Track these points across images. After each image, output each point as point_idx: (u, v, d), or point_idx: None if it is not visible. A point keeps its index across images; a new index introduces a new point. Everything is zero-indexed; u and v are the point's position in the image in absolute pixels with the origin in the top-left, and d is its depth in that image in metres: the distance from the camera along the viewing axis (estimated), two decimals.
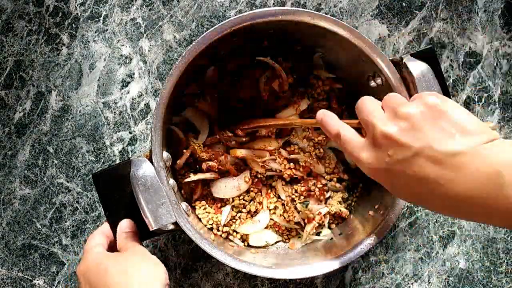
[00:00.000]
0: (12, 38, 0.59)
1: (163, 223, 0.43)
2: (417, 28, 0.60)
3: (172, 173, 0.51)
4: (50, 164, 0.59)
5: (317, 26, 0.45)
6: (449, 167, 0.30)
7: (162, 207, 0.43)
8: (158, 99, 0.45)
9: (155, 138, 0.45)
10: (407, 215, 0.59)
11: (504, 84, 0.60)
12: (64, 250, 0.58)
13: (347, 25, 0.45)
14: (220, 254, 0.45)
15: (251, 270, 0.45)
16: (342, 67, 0.54)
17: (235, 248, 0.51)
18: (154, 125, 0.44)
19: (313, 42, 0.51)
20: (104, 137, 0.59)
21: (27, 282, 0.58)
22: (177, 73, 0.45)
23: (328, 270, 0.46)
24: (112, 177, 0.46)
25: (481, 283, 0.58)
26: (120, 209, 0.46)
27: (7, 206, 0.59)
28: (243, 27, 0.45)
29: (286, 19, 0.45)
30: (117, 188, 0.45)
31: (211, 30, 0.44)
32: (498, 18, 0.60)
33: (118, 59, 0.59)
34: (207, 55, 0.46)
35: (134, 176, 0.44)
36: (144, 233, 0.46)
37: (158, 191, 0.43)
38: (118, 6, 0.59)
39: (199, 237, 0.45)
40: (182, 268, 0.58)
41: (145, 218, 0.43)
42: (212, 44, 0.45)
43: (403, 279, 0.58)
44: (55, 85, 0.59)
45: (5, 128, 0.59)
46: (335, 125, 0.40)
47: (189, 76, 0.49)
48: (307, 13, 0.45)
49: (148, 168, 0.44)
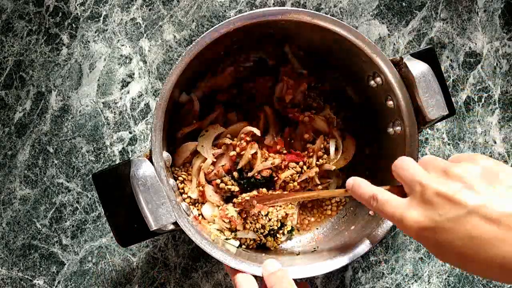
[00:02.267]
0: (12, 38, 0.59)
1: (163, 223, 0.43)
2: (417, 28, 0.60)
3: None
4: (50, 164, 0.59)
5: (316, 25, 0.45)
6: (505, 227, 0.30)
7: (162, 207, 0.43)
8: (158, 99, 0.45)
9: (155, 138, 0.45)
10: None
11: (504, 84, 0.60)
12: (64, 250, 0.58)
13: (347, 25, 0.45)
14: (220, 254, 0.45)
15: (251, 270, 0.45)
16: (342, 67, 0.54)
17: (235, 248, 0.51)
18: (154, 125, 0.44)
19: (312, 42, 0.51)
20: (104, 137, 0.59)
21: (27, 282, 0.58)
22: (177, 73, 0.45)
23: (328, 270, 0.46)
24: (112, 177, 0.46)
25: (481, 283, 0.58)
26: (120, 209, 0.46)
27: (7, 206, 0.59)
28: (242, 27, 0.45)
29: (286, 18, 0.45)
30: (117, 188, 0.45)
31: (211, 30, 0.44)
32: (498, 18, 0.60)
33: (118, 59, 0.59)
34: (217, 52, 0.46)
35: (134, 176, 0.44)
36: (144, 233, 0.46)
37: (158, 191, 0.43)
38: (118, 6, 0.59)
39: (199, 237, 0.45)
40: (182, 268, 0.58)
41: (145, 218, 0.43)
42: (214, 44, 0.45)
43: (403, 279, 0.58)
44: (55, 85, 0.59)
45: (5, 128, 0.59)
46: (368, 189, 0.40)
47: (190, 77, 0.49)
48: (307, 13, 0.45)
49: (148, 168, 0.44)
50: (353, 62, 0.49)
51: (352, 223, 0.53)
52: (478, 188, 0.32)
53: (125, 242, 0.46)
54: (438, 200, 0.33)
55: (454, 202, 0.32)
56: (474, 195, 0.32)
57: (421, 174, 0.36)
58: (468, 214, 0.32)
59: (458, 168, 0.34)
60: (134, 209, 0.44)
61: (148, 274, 0.58)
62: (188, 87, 0.53)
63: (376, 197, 0.39)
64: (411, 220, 0.35)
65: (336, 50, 0.50)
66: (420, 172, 0.36)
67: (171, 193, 0.44)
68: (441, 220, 0.33)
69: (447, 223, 0.33)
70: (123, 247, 0.47)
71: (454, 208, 0.32)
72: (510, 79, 0.60)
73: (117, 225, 0.46)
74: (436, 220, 0.33)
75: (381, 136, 0.52)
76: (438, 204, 0.33)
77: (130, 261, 0.58)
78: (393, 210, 0.37)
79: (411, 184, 0.36)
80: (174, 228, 0.45)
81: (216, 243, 0.46)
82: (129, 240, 0.47)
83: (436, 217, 0.33)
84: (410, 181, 0.37)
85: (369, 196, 0.40)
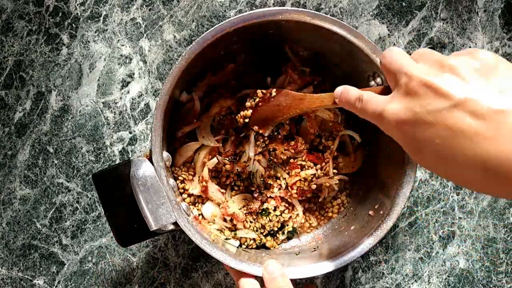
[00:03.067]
0: (12, 38, 0.59)
1: (163, 223, 0.43)
2: (417, 28, 0.60)
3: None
4: (50, 164, 0.59)
5: (316, 26, 0.45)
6: (492, 124, 0.27)
7: (162, 207, 0.43)
8: (158, 99, 0.45)
9: (155, 138, 0.45)
10: (407, 215, 0.59)
11: None
12: (64, 250, 0.58)
13: (347, 25, 0.45)
14: (220, 254, 0.45)
15: (251, 270, 0.45)
16: (342, 66, 0.54)
17: (235, 248, 0.51)
18: (154, 125, 0.44)
19: (312, 42, 0.51)
20: (104, 137, 0.59)
21: (27, 282, 0.58)
22: (177, 73, 0.45)
23: (328, 270, 0.46)
24: (112, 177, 0.46)
25: (481, 283, 0.58)
26: (120, 209, 0.46)
27: (7, 206, 0.59)
28: (242, 27, 0.45)
29: (286, 19, 0.45)
30: (117, 188, 0.45)
31: (211, 30, 0.44)
32: (498, 18, 0.60)
33: (118, 59, 0.59)
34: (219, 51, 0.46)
35: (134, 176, 0.44)
36: (144, 233, 0.46)
37: (158, 191, 0.44)
38: (118, 6, 0.59)
39: (199, 237, 0.45)
40: (182, 268, 0.58)
41: (145, 218, 0.43)
42: (213, 44, 0.45)
43: (403, 279, 0.58)
44: (55, 85, 0.59)
45: (5, 128, 0.59)
46: (355, 91, 0.38)
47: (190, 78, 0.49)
48: (307, 13, 0.45)
49: (148, 168, 0.44)
50: (353, 62, 0.49)
51: (352, 223, 0.53)
52: (471, 81, 0.29)
53: (125, 242, 0.46)
54: (423, 90, 0.30)
55: (439, 94, 0.29)
56: (464, 88, 0.29)
57: (410, 64, 0.32)
58: (453, 107, 0.28)
59: (454, 60, 0.31)
60: (134, 209, 0.44)
61: (148, 274, 0.58)
62: (189, 86, 0.53)
63: (361, 98, 0.36)
64: (390, 113, 0.32)
65: (336, 50, 0.50)
66: (409, 62, 0.33)
67: (171, 193, 0.44)
68: (421, 112, 0.30)
69: (427, 116, 0.29)
70: (123, 247, 0.47)
71: (439, 99, 0.29)
72: None
73: (117, 225, 0.46)
74: (416, 112, 0.30)
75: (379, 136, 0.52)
76: (421, 95, 0.30)
77: (130, 261, 0.58)
78: (375, 106, 0.34)
79: (398, 75, 0.33)
80: (174, 228, 0.45)
81: (216, 243, 0.47)
82: (129, 240, 0.47)
83: (417, 108, 0.30)
84: (396, 72, 0.33)
85: (355, 98, 0.37)
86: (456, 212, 0.59)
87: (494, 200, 0.59)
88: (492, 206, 0.59)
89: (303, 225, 0.56)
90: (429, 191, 0.59)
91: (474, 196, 0.59)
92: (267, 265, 0.44)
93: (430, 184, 0.59)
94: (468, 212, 0.58)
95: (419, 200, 0.59)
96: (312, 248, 0.53)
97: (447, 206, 0.59)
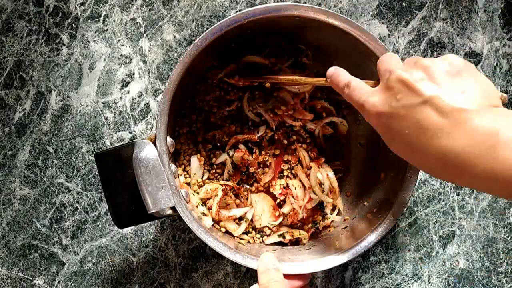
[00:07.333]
0: (12, 38, 0.60)
1: (162, 207, 0.43)
2: (417, 28, 0.60)
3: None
4: (50, 164, 0.59)
5: (329, 24, 0.46)
6: (452, 121, 0.31)
7: (162, 190, 0.43)
8: (167, 83, 0.44)
9: (161, 123, 0.44)
10: (407, 215, 0.59)
11: (504, 84, 0.60)
12: (64, 250, 0.58)
13: (359, 25, 0.46)
14: (215, 243, 0.44)
15: (245, 262, 0.44)
16: (348, 66, 0.53)
17: (236, 241, 0.51)
18: (161, 109, 0.44)
19: (319, 40, 0.51)
20: (104, 137, 0.59)
21: (27, 282, 0.58)
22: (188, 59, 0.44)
23: (328, 266, 0.46)
24: (114, 158, 0.46)
25: (481, 283, 0.58)
26: (119, 190, 0.46)
27: (7, 206, 0.59)
28: (246, 23, 0.44)
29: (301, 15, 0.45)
30: (119, 169, 0.45)
31: (212, 27, 0.44)
32: (498, 18, 0.60)
33: (118, 59, 0.59)
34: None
35: (136, 158, 0.43)
36: (141, 216, 0.45)
37: (159, 174, 0.43)
38: (118, 6, 0.59)
39: (195, 224, 0.45)
40: (182, 268, 0.58)
41: (144, 200, 0.43)
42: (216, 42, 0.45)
43: (403, 279, 0.58)
44: (55, 85, 0.59)
45: (5, 128, 0.59)
46: (345, 76, 0.41)
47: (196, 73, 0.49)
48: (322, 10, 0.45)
49: (151, 150, 0.44)
50: (362, 62, 0.49)
51: (352, 223, 0.53)
52: (439, 81, 0.33)
53: (122, 223, 0.46)
54: (398, 86, 0.34)
55: (412, 90, 0.33)
56: (432, 86, 0.33)
57: (394, 64, 0.36)
58: (423, 103, 0.32)
59: (427, 61, 0.34)
60: (134, 191, 0.44)
61: (148, 274, 0.58)
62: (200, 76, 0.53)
63: (349, 84, 0.39)
64: (370, 104, 0.36)
65: (344, 49, 0.50)
66: (396, 63, 0.37)
67: (171, 178, 0.44)
68: (397, 106, 0.34)
69: (401, 110, 0.33)
70: (120, 228, 0.47)
71: (411, 96, 0.33)
72: (510, 79, 0.60)
73: (115, 206, 0.46)
74: (392, 106, 0.34)
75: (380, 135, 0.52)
76: (397, 90, 0.34)
77: (130, 261, 0.58)
78: (359, 96, 0.38)
79: (383, 72, 0.37)
80: (172, 213, 0.45)
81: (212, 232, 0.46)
82: (126, 221, 0.46)
83: (393, 103, 0.34)
84: (383, 70, 0.37)
85: (344, 83, 0.40)
86: (456, 212, 0.59)
87: (494, 200, 0.59)
88: (492, 206, 0.59)
89: None
90: (429, 191, 0.59)
91: (474, 196, 0.59)
92: (263, 257, 0.45)
93: (430, 184, 0.59)
94: (468, 212, 0.59)
95: (419, 200, 0.59)
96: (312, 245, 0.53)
97: (447, 206, 0.59)
